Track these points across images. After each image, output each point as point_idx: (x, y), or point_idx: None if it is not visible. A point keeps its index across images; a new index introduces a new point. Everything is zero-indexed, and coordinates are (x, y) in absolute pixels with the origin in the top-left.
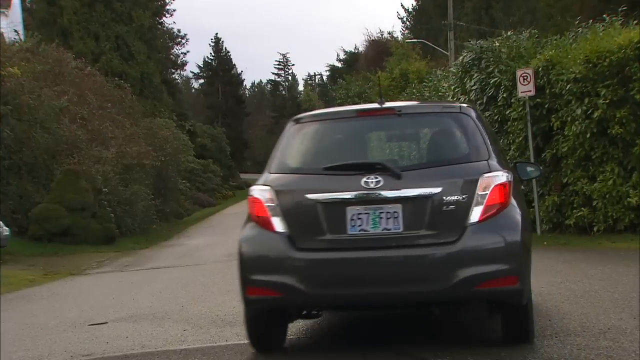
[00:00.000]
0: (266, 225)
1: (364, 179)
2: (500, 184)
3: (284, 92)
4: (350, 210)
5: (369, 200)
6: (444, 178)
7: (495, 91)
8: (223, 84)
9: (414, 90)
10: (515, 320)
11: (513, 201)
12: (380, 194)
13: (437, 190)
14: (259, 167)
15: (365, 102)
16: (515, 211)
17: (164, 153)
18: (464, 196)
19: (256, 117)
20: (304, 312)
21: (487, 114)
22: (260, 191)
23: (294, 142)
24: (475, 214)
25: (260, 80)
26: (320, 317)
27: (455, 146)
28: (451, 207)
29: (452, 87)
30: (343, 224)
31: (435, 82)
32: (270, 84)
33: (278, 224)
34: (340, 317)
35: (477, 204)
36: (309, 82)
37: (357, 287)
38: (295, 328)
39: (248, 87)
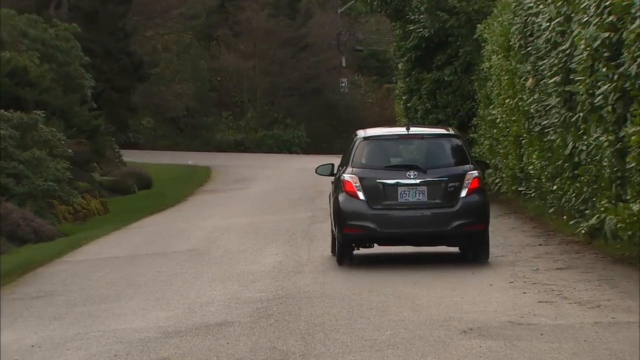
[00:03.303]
0: (354, 195)
1: (407, 172)
2: (476, 177)
3: None
4: (400, 189)
5: (409, 183)
6: (448, 173)
7: None
8: None
9: None
10: (479, 247)
11: (482, 186)
12: (415, 181)
13: (445, 179)
14: (178, 134)
15: None
16: (483, 192)
17: None
18: (458, 182)
19: None
20: (367, 245)
21: None
22: (350, 177)
23: (365, 151)
24: (464, 192)
25: None
26: (372, 248)
27: (453, 155)
28: (452, 188)
29: None
30: (396, 195)
31: None
32: None
33: (360, 195)
34: (378, 250)
35: (464, 187)
36: None
37: (403, 228)
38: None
39: None
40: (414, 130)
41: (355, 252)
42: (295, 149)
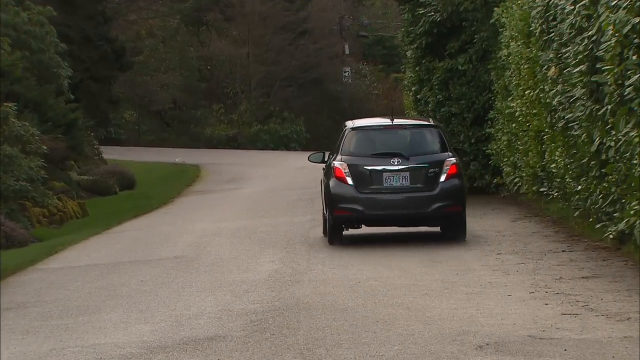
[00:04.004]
0: (343, 180)
1: (391, 160)
2: (454, 164)
3: None
4: (385, 174)
5: (393, 170)
6: (429, 160)
7: None
8: None
9: None
10: (458, 227)
11: (460, 172)
12: (399, 167)
13: (426, 165)
14: (164, 129)
15: None
16: (460, 177)
17: None
18: (437, 169)
19: None
20: (355, 225)
21: None
22: (339, 164)
23: (353, 140)
24: (443, 178)
25: None
26: (360, 229)
27: (433, 144)
28: (432, 174)
29: None
30: (381, 181)
31: None
32: None
33: (349, 180)
34: (365, 230)
35: (443, 173)
36: None
37: (387, 210)
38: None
39: None
40: (398, 121)
41: (361, 253)
42: (294, 145)
